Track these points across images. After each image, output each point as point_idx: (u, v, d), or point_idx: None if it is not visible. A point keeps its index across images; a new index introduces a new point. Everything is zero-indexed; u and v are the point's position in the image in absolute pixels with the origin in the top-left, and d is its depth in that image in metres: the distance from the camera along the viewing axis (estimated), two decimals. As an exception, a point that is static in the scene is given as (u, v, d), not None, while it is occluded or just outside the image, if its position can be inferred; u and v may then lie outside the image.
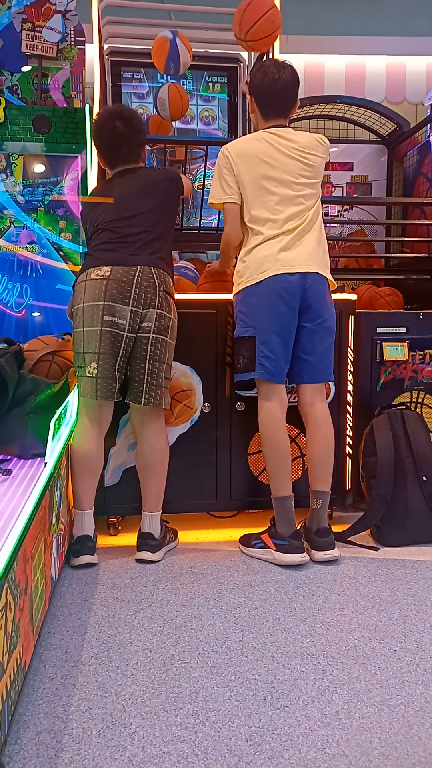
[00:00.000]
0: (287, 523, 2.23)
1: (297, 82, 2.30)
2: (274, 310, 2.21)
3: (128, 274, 2.15)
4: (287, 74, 2.26)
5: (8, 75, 3.12)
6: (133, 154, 2.34)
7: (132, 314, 2.14)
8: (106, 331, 2.14)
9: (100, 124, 2.33)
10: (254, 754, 1.27)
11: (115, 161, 2.35)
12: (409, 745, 1.30)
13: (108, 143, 2.33)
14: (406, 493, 2.41)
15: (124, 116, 2.31)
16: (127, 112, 2.35)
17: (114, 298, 2.13)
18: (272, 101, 2.29)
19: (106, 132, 2.30)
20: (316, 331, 2.27)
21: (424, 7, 4.39)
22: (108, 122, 2.30)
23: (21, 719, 1.38)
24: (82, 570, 2.18)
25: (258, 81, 2.28)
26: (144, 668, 1.58)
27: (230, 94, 3.65)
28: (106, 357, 2.15)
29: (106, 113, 2.37)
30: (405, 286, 3.34)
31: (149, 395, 2.20)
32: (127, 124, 2.29)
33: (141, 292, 2.15)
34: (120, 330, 2.15)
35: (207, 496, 2.55)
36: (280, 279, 2.19)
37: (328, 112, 3.99)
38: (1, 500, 1.71)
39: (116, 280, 2.14)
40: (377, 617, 1.85)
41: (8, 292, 3.07)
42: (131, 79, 3.57)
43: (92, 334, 2.14)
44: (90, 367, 2.15)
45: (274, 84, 2.25)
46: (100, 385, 2.16)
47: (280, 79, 2.25)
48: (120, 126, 2.28)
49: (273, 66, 2.28)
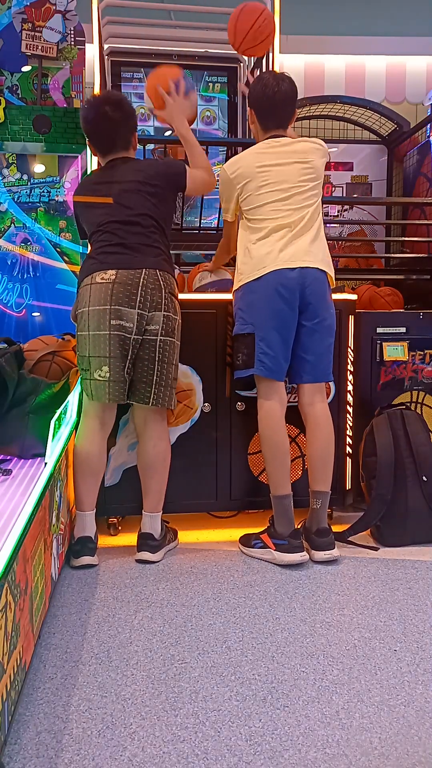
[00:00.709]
0: (286, 523, 2.23)
1: (295, 93, 2.34)
2: (273, 307, 2.21)
3: (134, 277, 2.15)
4: (286, 86, 2.30)
5: (8, 75, 3.12)
6: (124, 140, 2.31)
7: (138, 317, 2.14)
8: (114, 335, 2.13)
9: (88, 109, 2.29)
10: (254, 754, 1.27)
11: (107, 148, 2.32)
12: (409, 745, 1.30)
13: (98, 129, 2.29)
14: (406, 493, 2.41)
15: (112, 101, 2.28)
16: (115, 96, 2.33)
17: (120, 301, 2.13)
18: (271, 113, 2.32)
19: (95, 118, 2.27)
20: (316, 330, 2.27)
21: (424, 7, 4.39)
22: (97, 107, 2.26)
23: (21, 719, 1.38)
24: (82, 570, 2.18)
25: (257, 93, 2.32)
26: (144, 668, 1.58)
27: (230, 94, 3.65)
28: (116, 360, 2.15)
29: (94, 99, 2.33)
30: (405, 286, 3.34)
31: (158, 396, 2.20)
32: (117, 109, 2.26)
33: (147, 295, 2.15)
34: (128, 333, 2.14)
35: (207, 496, 2.55)
36: (280, 275, 2.20)
37: (328, 112, 3.99)
38: (1, 500, 1.71)
39: (122, 283, 2.14)
40: (377, 617, 1.85)
41: (8, 292, 3.07)
42: (131, 79, 3.57)
43: (100, 338, 2.14)
44: (101, 371, 2.15)
45: (273, 96, 2.29)
46: (112, 389, 2.16)
47: (279, 91, 2.28)
48: (109, 111, 2.24)
49: (272, 78, 2.32)
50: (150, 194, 2.25)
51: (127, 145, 2.33)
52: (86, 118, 2.30)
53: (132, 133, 2.35)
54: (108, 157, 2.33)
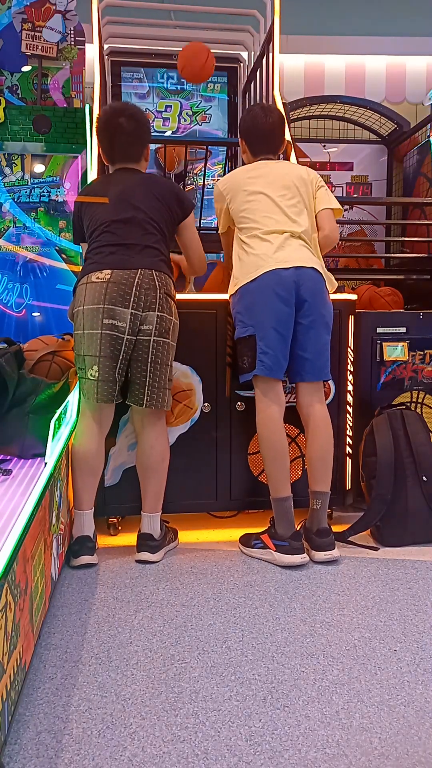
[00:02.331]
0: (287, 524, 2.23)
1: (283, 123, 2.50)
2: (270, 307, 2.23)
3: (128, 277, 2.15)
4: (274, 117, 2.45)
5: (8, 75, 3.12)
6: (135, 153, 2.34)
7: (132, 317, 2.14)
8: (106, 335, 2.14)
9: (105, 119, 2.32)
10: (254, 754, 1.27)
11: (116, 158, 2.35)
12: (409, 745, 1.30)
13: (111, 139, 2.31)
14: (406, 493, 2.41)
15: (128, 113, 2.31)
16: (132, 109, 2.35)
17: (114, 301, 2.13)
18: (261, 142, 2.46)
19: (110, 128, 2.29)
20: (312, 327, 2.28)
21: (424, 7, 4.39)
22: (113, 118, 2.29)
23: (21, 719, 1.38)
24: (82, 570, 2.18)
25: (248, 125, 2.47)
26: (144, 668, 1.58)
27: (230, 94, 3.65)
28: (106, 360, 2.15)
29: (111, 109, 2.36)
30: (405, 286, 3.35)
31: (151, 398, 2.20)
32: (132, 121, 2.29)
33: (141, 295, 2.15)
34: (120, 333, 2.15)
35: (207, 496, 2.55)
36: (275, 275, 2.22)
37: (328, 112, 4.00)
38: (1, 500, 1.71)
39: (116, 283, 2.14)
40: (377, 617, 1.85)
41: (8, 292, 3.07)
42: (131, 79, 3.57)
43: (92, 337, 2.14)
44: (92, 370, 2.16)
45: (263, 127, 2.44)
46: (100, 389, 2.16)
47: (267, 122, 2.43)
48: (124, 122, 2.27)
49: (260, 110, 2.46)
50: (155, 199, 2.26)
51: (138, 157, 2.36)
52: (101, 128, 2.33)
53: (145, 146, 2.38)
54: (117, 165, 2.36)
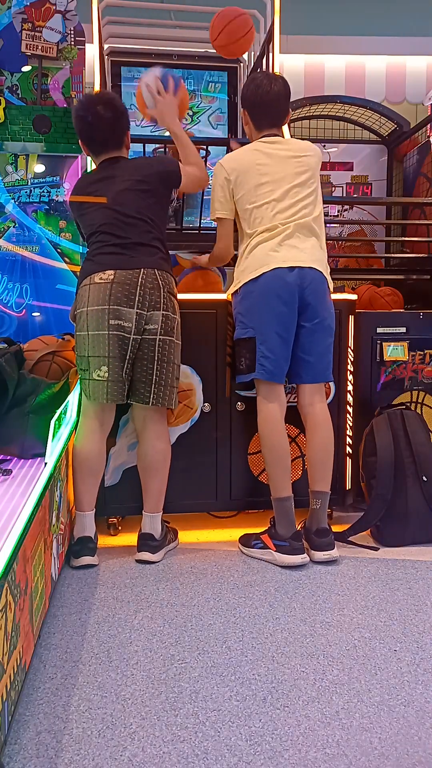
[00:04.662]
0: (287, 524, 2.22)
1: (288, 93, 2.35)
2: (272, 310, 2.21)
3: (132, 277, 2.15)
4: (279, 86, 2.31)
5: (8, 75, 3.12)
6: (117, 140, 2.30)
7: (137, 317, 2.15)
8: (113, 335, 2.13)
9: (80, 109, 2.28)
10: (254, 754, 1.27)
11: (100, 148, 2.31)
12: (409, 745, 1.30)
13: (90, 129, 2.27)
14: (406, 493, 2.41)
15: (104, 100, 2.28)
16: (107, 96, 2.33)
17: (119, 301, 2.13)
18: (265, 113, 2.33)
19: (87, 117, 2.25)
20: (315, 331, 2.27)
21: (424, 7, 4.39)
22: (89, 107, 2.25)
23: (21, 719, 1.38)
24: (82, 570, 2.17)
25: (250, 94, 2.33)
26: (144, 668, 1.58)
27: (230, 94, 3.65)
28: (115, 360, 2.15)
29: (86, 98, 2.32)
30: (405, 286, 3.34)
31: (157, 396, 2.20)
32: (109, 108, 2.25)
33: (145, 294, 2.15)
34: (126, 333, 2.15)
35: (207, 496, 2.55)
36: (278, 276, 2.20)
37: (328, 112, 3.99)
38: (1, 500, 1.71)
39: (120, 283, 2.14)
40: (377, 617, 1.85)
41: (8, 292, 3.07)
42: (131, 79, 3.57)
43: (99, 338, 2.14)
44: (100, 371, 2.15)
45: (266, 96, 2.30)
46: (111, 389, 2.16)
47: (271, 91, 2.29)
48: (101, 110, 2.24)
49: (265, 78, 2.34)
50: (145, 193, 2.24)
51: (119, 144, 2.33)
52: (78, 118, 2.29)
53: (125, 133, 2.34)
54: (101, 157, 2.33)
